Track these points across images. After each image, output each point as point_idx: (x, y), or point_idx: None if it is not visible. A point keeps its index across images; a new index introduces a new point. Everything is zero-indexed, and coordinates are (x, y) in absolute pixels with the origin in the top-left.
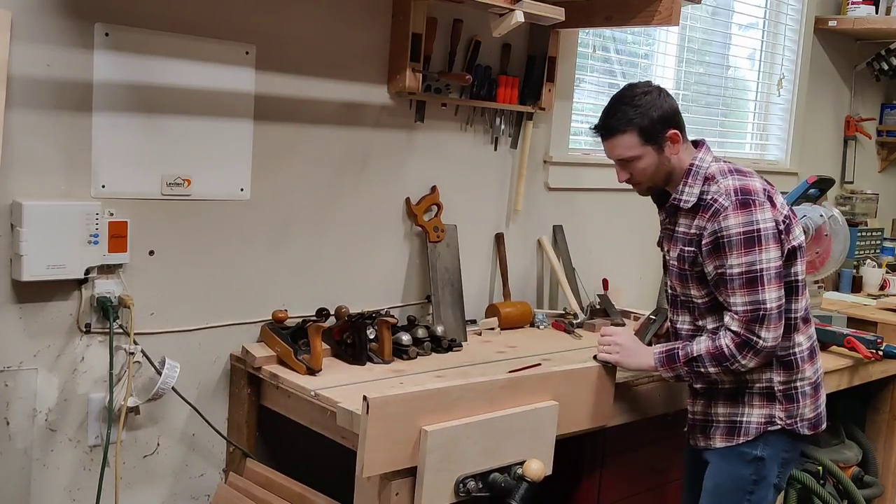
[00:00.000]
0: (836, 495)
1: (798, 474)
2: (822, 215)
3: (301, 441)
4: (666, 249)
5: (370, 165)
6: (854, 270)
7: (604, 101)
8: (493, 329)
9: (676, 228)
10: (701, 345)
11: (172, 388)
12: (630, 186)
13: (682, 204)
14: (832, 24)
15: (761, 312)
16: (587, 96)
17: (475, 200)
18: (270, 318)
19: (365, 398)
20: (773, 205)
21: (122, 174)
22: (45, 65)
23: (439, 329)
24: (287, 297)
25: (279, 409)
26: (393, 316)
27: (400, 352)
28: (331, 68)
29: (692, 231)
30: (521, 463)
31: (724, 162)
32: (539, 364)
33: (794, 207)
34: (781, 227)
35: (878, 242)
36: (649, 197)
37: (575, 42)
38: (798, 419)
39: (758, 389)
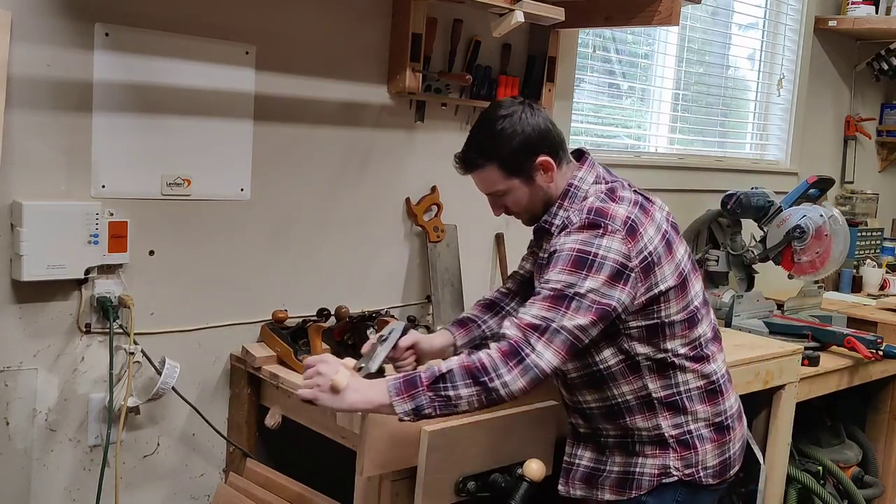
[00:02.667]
0: (836, 495)
1: (798, 474)
2: (822, 215)
3: (301, 441)
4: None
5: (370, 165)
6: (854, 270)
7: (604, 102)
8: None
9: (541, 255)
10: (453, 360)
11: (172, 388)
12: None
13: (552, 228)
14: (832, 24)
15: (548, 325)
16: (587, 96)
17: (475, 200)
18: (270, 318)
19: None
20: (633, 237)
21: (122, 174)
22: (45, 65)
23: (439, 329)
24: (287, 297)
25: (279, 409)
26: (393, 316)
27: None
28: (331, 68)
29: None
30: (521, 463)
31: (607, 182)
32: None
33: (794, 207)
34: (632, 263)
35: (878, 242)
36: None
37: (575, 42)
38: (699, 468)
39: (647, 438)
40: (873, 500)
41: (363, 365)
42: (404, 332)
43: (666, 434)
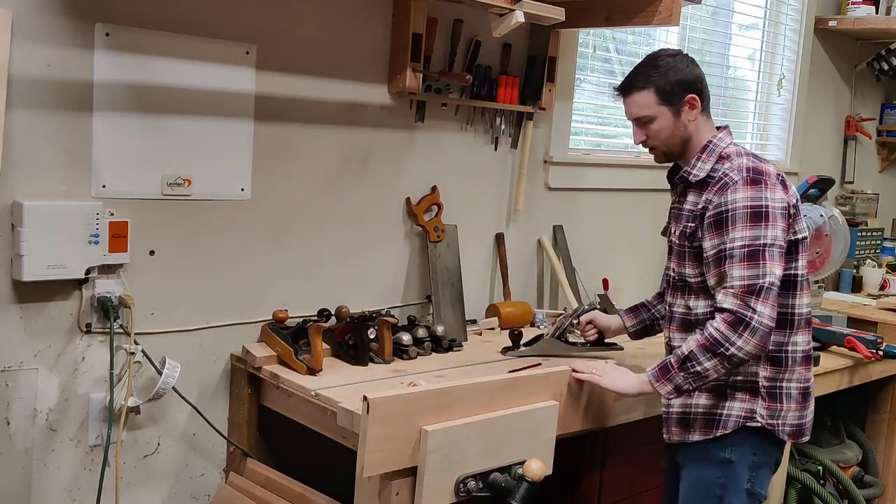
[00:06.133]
0: (837, 495)
1: (798, 474)
2: (822, 215)
3: (301, 441)
4: (672, 231)
5: (370, 165)
6: (854, 270)
7: (604, 102)
8: (493, 329)
9: (683, 206)
10: (690, 342)
11: (173, 388)
12: (628, 189)
13: (691, 178)
14: (832, 24)
15: (759, 284)
16: (587, 96)
17: (475, 200)
18: (271, 318)
19: (365, 398)
20: (785, 189)
21: (122, 174)
22: (46, 65)
23: (439, 329)
24: (287, 297)
25: (279, 409)
26: (393, 316)
27: (400, 352)
28: (331, 68)
29: (699, 206)
30: (521, 463)
31: (743, 148)
32: (539, 364)
33: None
34: (791, 211)
35: (879, 242)
36: (664, 175)
37: (575, 42)
38: (780, 421)
39: (741, 383)
40: (873, 500)
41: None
42: (586, 311)
43: (760, 384)
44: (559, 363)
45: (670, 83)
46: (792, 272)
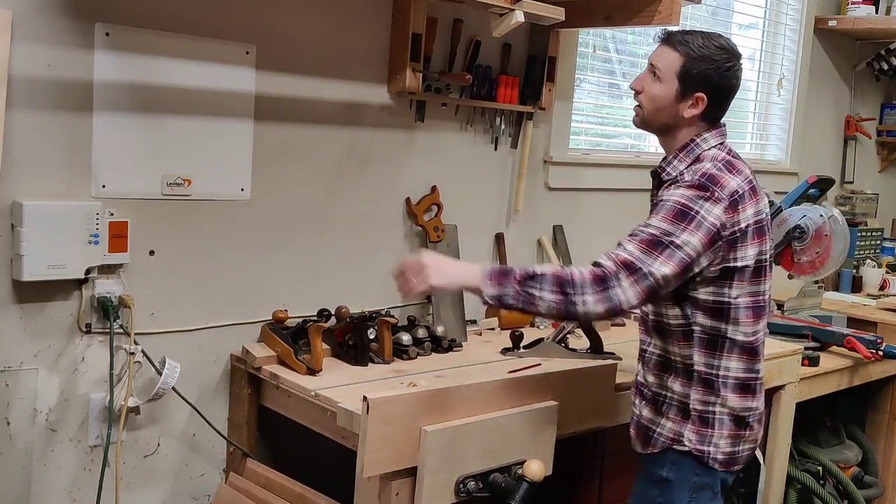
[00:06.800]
0: (836, 495)
1: (798, 474)
2: (822, 215)
3: (301, 441)
4: None
5: (370, 165)
6: (854, 270)
7: (604, 101)
8: (493, 329)
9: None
10: (547, 267)
11: (173, 388)
12: (628, 189)
13: (664, 176)
14: (832, 24)
15: (640, 268)
16: (587, 96)
17: (475, 200)
18: (270, 318)
19: (365, 398)
20: (734, 210)
21: (122, 174)
22: (46, 65)
23: (439, 329)
24: (287, 297)
25: (279, 409)
26: (393, 316)
27: (400, 352)
28: (331, 68)
29: None
30: (521, 463)
31: (728, 153)
32: (539, 364)
33: (794, 207)
34: (725, 233)
35: (878, 242)
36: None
37: (575, 42)
38: (710, 447)
39: (675, 402)
40: (873, 500)
41: None
42: None
43: (691, 406)
44: (559, 364)
45: (697, 70)
46: (724, 299)
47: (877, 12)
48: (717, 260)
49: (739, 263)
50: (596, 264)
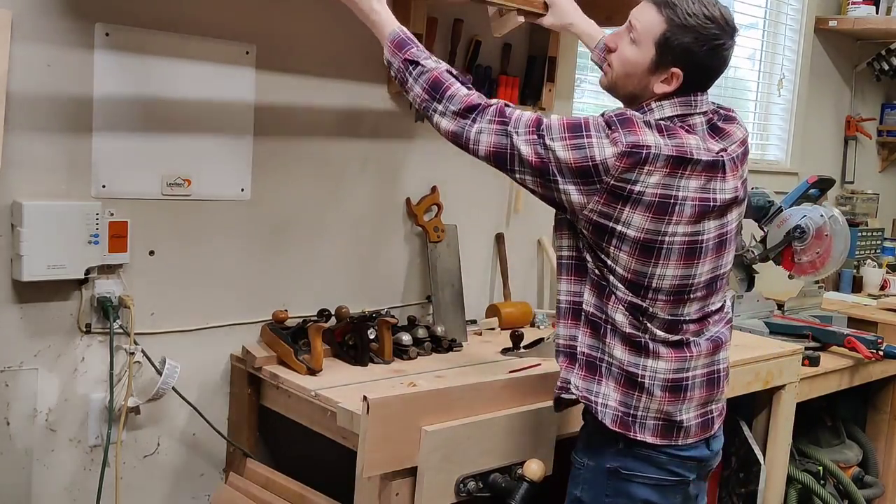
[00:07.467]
0: (837, 495)
1: (798, 474)
2: (822, 215)
3: (301, 441)
4: None
5: (370, 165)
6: (854, 270)
7: (604, 101)
8: (493, 329)
9: None
10: (442, 65)
11: (173, 388)
12: None
13: None
14: (832, 24)
15: (508, 128)
16: (587, 96)
17: (475, 200)
18: (270, 318)
19: (365, 398)
20: (631, 163)
21: (122, 174)
22: (46, 65)
23: (440, 329)
24: (287, 297)
25: (279, 409)
26: (393, 316)
27: (400, 352)
28: (331, 68)
29: None
30: (521, 463)
31: (679, 125)
32: (539, 364)
33: (795, 208)
34: (605, 178)
35: (879, 242)
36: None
37: (575, 42)
38: (599, 400)
39: (562, 346)
40: (873, 500)
41: None
42: None
43: (578, 349)
44: None
45: (678, 42)
46: (602, 257)
47: (877, 12)
48: (591, 204)
49: (619, 228)
50: (484, 96)
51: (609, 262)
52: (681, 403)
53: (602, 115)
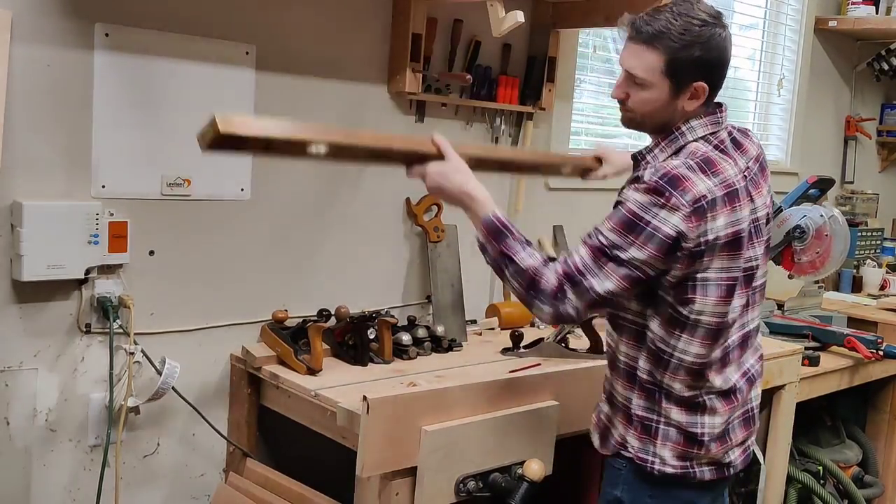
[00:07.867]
0: (837, 495)
1: (798, 474)
2: (822, 215)
3: (301, 441)
4: None
5: (370, 165)
6: (854, 270)
7: (604, 102)
8: (493, 329)
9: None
10: (537, 257)
11: (172, 388)
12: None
13: (642, 162)
14: (832, 24)
15: (583, 282)
16: (587, 96)
17: None
18: (270, 318)
19: (365, 398)
20: (698, 219)
21: (122, 174)
22: (45, 65)
23: (439, 329)
24: (287, 297)
25: (279, 409)
26: (393, 316)
27: (400, 352)
28: (331, 68)
29: None
30: (521, 463)
31: (715, 146)
32: (539, 364)
33: (794, 207)
34: (686, 244)
35: (879, 242)
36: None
37: (575, 42)
38: (654, 458)
39: (620, 405)
40: (873, 500)
41: None
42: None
43: (633, 411)
44: (559, 364)
45: (687, 60)
46: (684, 312)
47: (877, 12)
48: (674, 270)
49: (699, 275)
50: (557, 268)
51: (691, 319)
52: (728, 448)
53: (637, 181)
